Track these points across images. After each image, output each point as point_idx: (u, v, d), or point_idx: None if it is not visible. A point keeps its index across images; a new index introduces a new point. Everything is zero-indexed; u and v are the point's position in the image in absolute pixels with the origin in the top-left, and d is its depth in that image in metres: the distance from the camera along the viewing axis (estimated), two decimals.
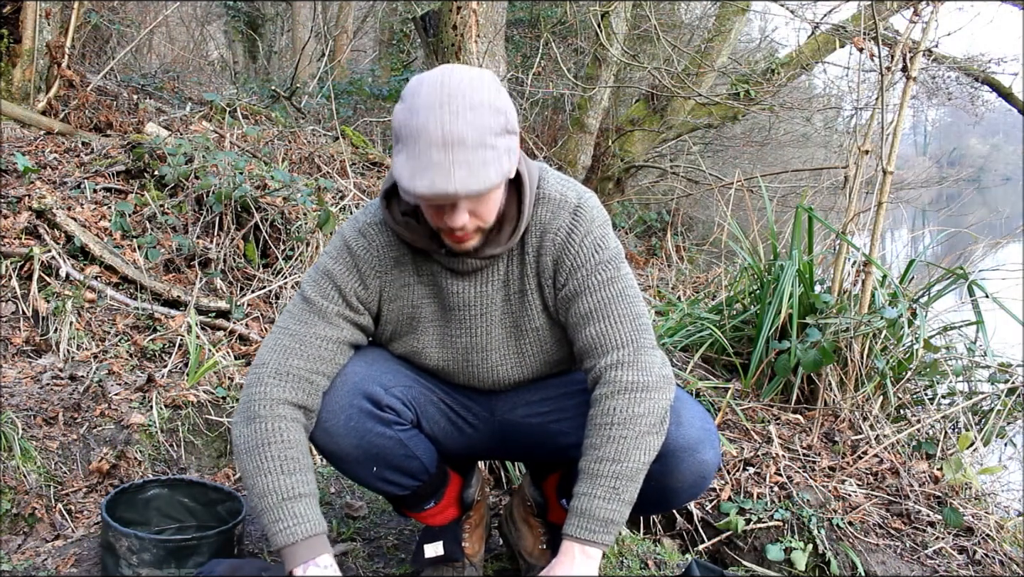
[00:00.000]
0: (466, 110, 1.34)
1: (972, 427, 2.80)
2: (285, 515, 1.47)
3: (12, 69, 4.40)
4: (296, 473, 1.50)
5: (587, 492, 1.49)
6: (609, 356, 1.53)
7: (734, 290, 3.53)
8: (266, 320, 3.30)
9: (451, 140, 1.33)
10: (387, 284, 1.63)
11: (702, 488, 1.63)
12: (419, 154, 1.34)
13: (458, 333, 1.65)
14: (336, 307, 1.60)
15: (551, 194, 1.59)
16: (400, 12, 8.65)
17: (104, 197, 3.58)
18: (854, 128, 4.67)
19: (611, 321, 1.55)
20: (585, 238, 1.57)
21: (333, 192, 3.97)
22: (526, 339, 1.65)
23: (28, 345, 2.83)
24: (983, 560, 2.27)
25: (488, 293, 1.62)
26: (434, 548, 1.86)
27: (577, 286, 1.57)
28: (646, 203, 8.25)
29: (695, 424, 1.58)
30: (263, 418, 1.52)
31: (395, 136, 1.41)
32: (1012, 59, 9.28)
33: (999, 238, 3.80)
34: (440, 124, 1.33)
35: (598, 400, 1.52)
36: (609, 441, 1.49)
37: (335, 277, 1.61)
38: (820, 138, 9.91)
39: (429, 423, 1.70)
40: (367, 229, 1.62)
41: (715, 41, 7.19)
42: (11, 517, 2.12)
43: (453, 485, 1.86)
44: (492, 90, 1.39)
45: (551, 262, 1.59)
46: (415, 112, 1.36)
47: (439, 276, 1.62)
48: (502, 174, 1.38)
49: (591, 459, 1.50)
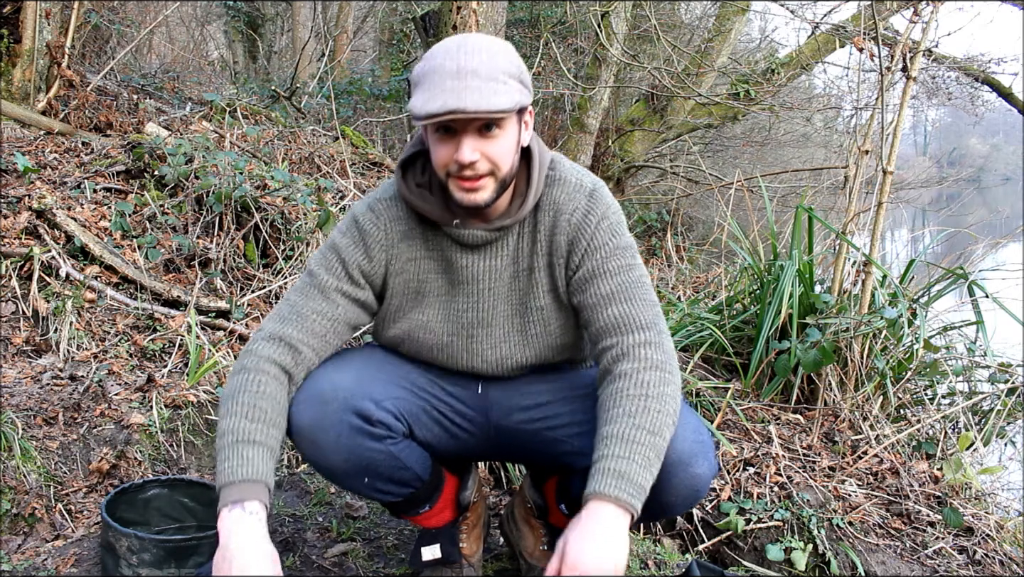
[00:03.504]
0: (483, 51, 1.43)
1: (972, 427, 2.80)
2: (233, 455, 1.45)
3: (12, 69, 4.40)
4: (258, 422, 1.48)
5: (623, 455, 1.39)
6: (635, 335, 1.52)
7: (734, 290, 3.53)
8: None
9: (465, 71, 1.41)
10: (394, 257, 1.64)
11: (696, 500, 1.60)
12: (433, 85, 1.41)
13: (464, 307, 1.65)
14: (336, 281, 1.62)
15: (567, 177, 1.62)
16: (400, 12, 8.66)
17: (104, 197, 3.58)
18: (854, 128, 4.67)
19: (633, 303, 1.56)
20: (602, 222, 1.60)
21: (333, 192, 3.97)
22: (530, 317, 1.66)
23: (28, 345, 2.83)
24: (983, 560, 2.27)
25: (496, 268, 1.63)
26: (431, 551, 1.85)
27: (595, 268, 1.58)
28: (646, 203, 8.24)
29: (687, 437, 1.53)
30: (247, 370, 1.54)
31: (412, 85, 1.48)
32: (1012, 59, 9.32)
33: (999, 238, 3.80)
34: (455, 60, 1.42)
35: (628, 373, 1.48)
36: (646, 412, 1.44)
37: (340, 250, 1.64)
38: (820, 138, 9.91)
39: (422, 430, 1.68)
40: (376, 204, 1.66)
41: (715, 41, 7.19)
42: (11, 517, 2.12)
43: (449, 487, 1.86)
44: (510, 51, 1.49)
45: (565, 242, 1.60)
46: (432, 58, 1.46)
47: (448, 250, 1.63)
48: (513, 103, 1.43)
49: (627, 425, 1.42)
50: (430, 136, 1.51)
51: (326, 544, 2.13)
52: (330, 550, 2.09)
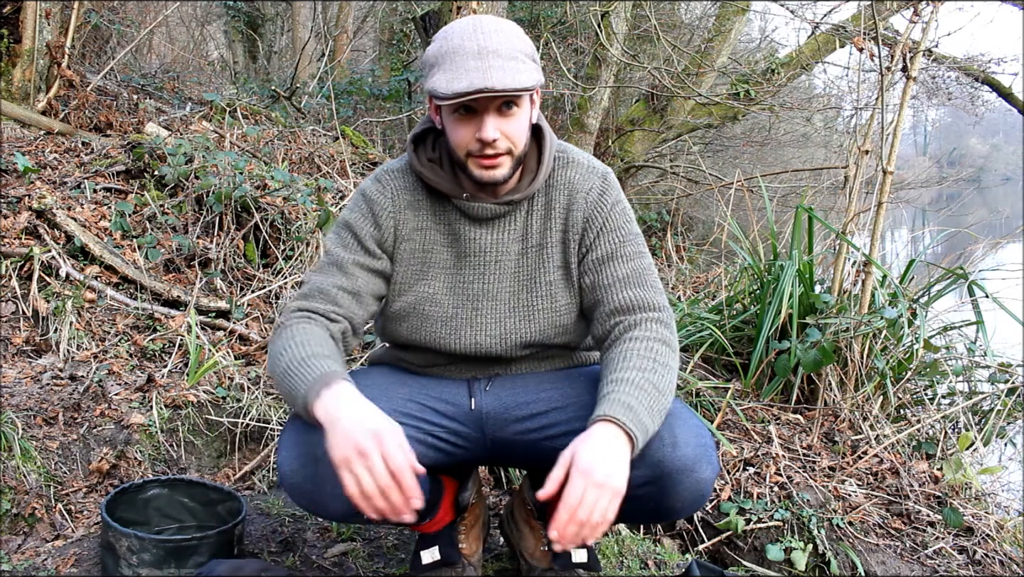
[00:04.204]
0: (498, 32, 1.49)
1: (972, 427, 2.80)
2: (301, 372, 1.45)
3: (12, 69, 4.40)
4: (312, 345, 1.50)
5: (633, 395, 1.43)
6: (648, 313, 1.59)
7: (734, 290, 3.53)
8: (266, 320, 3.29)
9: (486, 51, 1.46)
10: (400, 223, 1.68)
11: (701, 504, 1.59)
12: (456, 65, 1.46)
13: (471, 279, 1.68)
14: (352, 256, 1.66)
15: (579, 159, 1.70)
16: (400, 12, 8.65)
17: (104, 197, 3.58)
18: (854, 128, 4.68)
19: (646, 289, 1.63)
20: (616, 205, 1.68)
21: (333, 192, 3.97)
22: (538, 292, 1.68)
23: (28, 345, 2.83)
24: (983, 560, 2.27)
25: (504, 242, 1.67)
26: (431, 553, 1.86)
27: (612, 251, 1.65)
28: (646, 203, 8.24)
29: (690, 443, 1.51)
30: (283, 327, 1.58)
31: (426, 65, 1.52)
32: (1012, 59, 9.31)
33: (999, 238, 3.80)
34: (475, 40, 1.47)
35: (639, 338, 1.54)
36: (655, 371, 1.48)
37: (351, 225, 1.68)
38: (820, 138, 9.90)
39: (418, 459, 1.62)
40: (383, 175, 1.71)
41: (715, 41, 7.19)
42: (11, 517, 2.12)
43: (448, 493, 1.86)
44: (521, 32, 1.55)
45: (581, 219, 1.66)
46: (448, 38, 1.50)
47: (456, 223, 1.66)
48: (534, 81, 1.49)
49: (637, 376, 1.46)
50: (448, 117, 1.55)
51: (326, 544, 2.13)
52: (330, 550, 2.09)
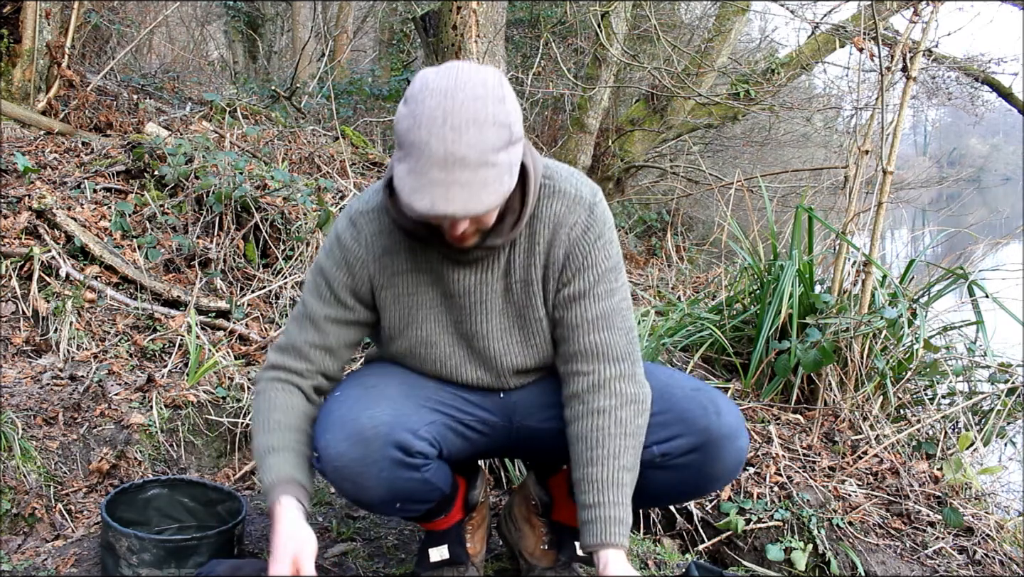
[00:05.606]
0: (469, 125, 1.32)
1: (972, 427, 2.80)
2: (262, 467, 1.61)
3: (12, 69, 4.40)
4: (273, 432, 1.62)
5: (620, 502, 1.56)
6: (611, 367, 1.60)
7: (734, 290, 3.53)
8: (266, 320, 3.30)
9: (452, 160, 1.32)
10: (376, 272, 1.64)
11: (737, 474, 1.68)
12: (420, 171, 1.34)
13: (459, 319, 1.65)
14: (325, 309, 1.66)
15: (566, 189, 1.61)
16: (400, 12, 8.65)
17: (104, 197, 3.57)
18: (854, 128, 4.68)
19: (612, 332, 1.61)
20: (598, 240, 1.61)
21: (333, 192, 3.97)
22: (529, 328, 1.66)
23: (28, 345, 2.83)
24: (983, 560, 2.27)
25: (488, 282, 1.63)
26: (439, 552, 1.86)
27: (584, 290, 1.60)
28: (646, 203, 8.25)
29: (732, 411, 1.62)
30: (258, 393, 1.69)
31: (397, 141, 1.39)
32: (1012, 59, 9.32)
33: (999, 238, 3.80)
34: (442, 142, 1.32)
35: (607, 410, 1.59)
36: (626, 451, 1.58)
37: (325, 273, 1.67)
38: (820, 138, 9.90)
39: (449, 448, 1.68)
40: (358, 217, 1.65)
41: (715, 41, 7.19)
42: (11, 517, 2.12)
43: (460, 491, 1.87)
44: (497, 99, 1.36)
45: (562, 255, 1.61)
46: (418, 124, 1.34)
47: (438, 265, 1.62)
48: (502, 194, 1.38)
49: (614, 468, 1.56)
50: None
51: (326, 544, 2.12)
52: (330, 550, 2.09)
